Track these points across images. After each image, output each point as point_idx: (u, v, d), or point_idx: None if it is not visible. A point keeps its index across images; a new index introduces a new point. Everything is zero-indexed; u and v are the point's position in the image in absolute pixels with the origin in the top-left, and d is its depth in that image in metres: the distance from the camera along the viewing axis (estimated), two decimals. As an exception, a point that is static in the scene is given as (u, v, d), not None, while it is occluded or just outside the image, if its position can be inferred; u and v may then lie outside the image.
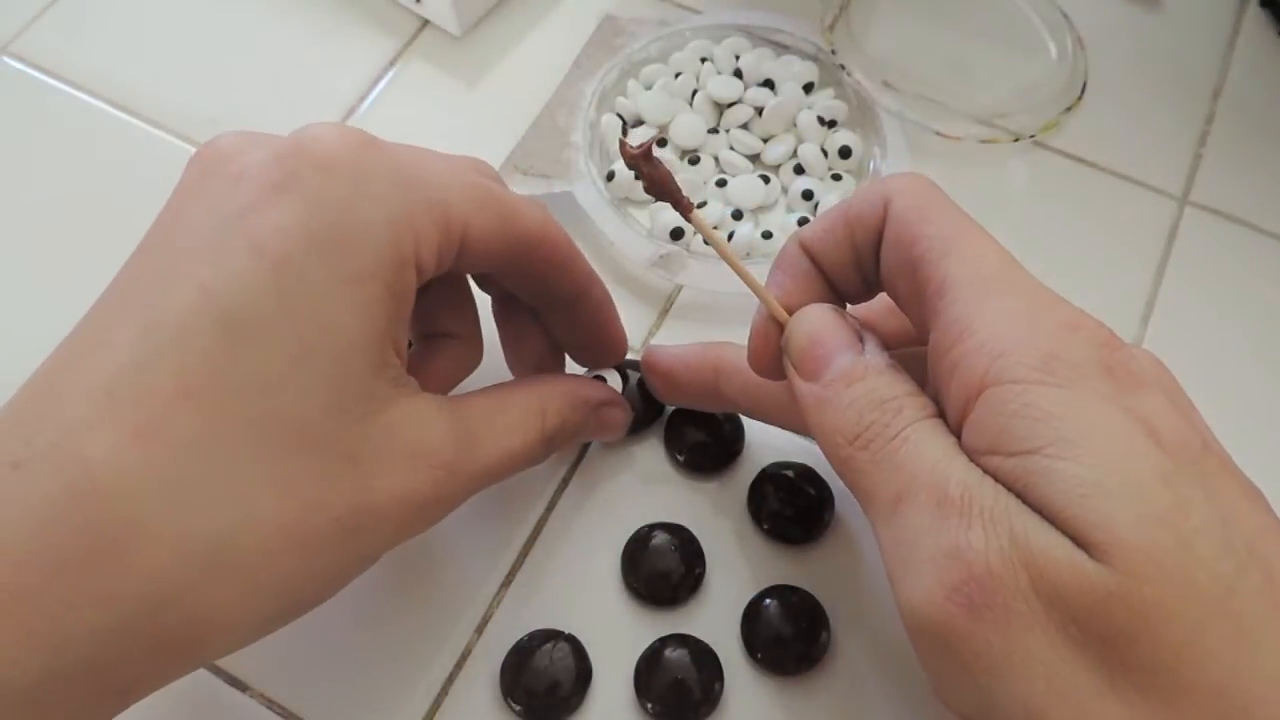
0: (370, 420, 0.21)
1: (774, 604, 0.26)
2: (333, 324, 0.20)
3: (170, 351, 0.19)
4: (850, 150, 0.32)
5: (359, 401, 0.20)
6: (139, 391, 0.19)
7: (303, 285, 0.20)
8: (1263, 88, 0.35)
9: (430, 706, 0.26)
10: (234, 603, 0.19)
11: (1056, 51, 0.35)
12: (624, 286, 0.32)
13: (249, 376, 0.19)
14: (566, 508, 0.28)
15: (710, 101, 0.34)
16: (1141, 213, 0.33)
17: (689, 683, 0.25)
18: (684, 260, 0.31)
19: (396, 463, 0.21)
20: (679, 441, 0.29)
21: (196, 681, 0.26)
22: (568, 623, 0.27)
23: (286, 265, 0.19)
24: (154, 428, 0.18)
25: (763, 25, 0.35)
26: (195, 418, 0.19)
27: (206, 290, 0.19)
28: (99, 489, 0.18)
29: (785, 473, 0.28)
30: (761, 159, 0.33)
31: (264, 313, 0.19)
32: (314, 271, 0.20)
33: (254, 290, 0.19)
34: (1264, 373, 0.30)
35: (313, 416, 0.20)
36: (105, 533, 0.18)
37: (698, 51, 0.34)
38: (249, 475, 0.19)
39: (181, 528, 0.18)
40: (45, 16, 0.38)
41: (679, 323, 0.31)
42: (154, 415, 0.18)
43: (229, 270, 0.19)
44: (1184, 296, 0.31)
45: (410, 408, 0.21)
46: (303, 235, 0.20)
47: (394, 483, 0.21)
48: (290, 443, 0.19)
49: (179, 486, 0.18)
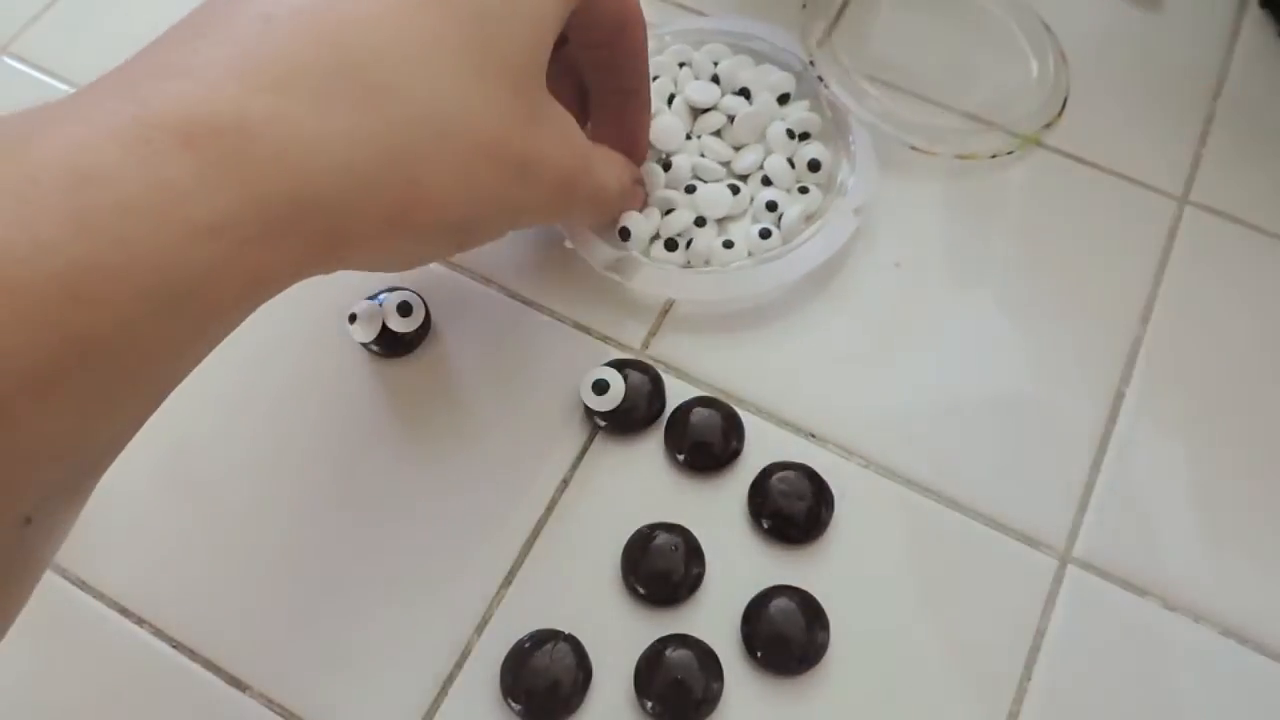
0: (543, 93, 0.24)
1: (774, 604, 0.26)
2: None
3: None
4: (819, 164, 0.32)
5: (539, 70, 0.23)
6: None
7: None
8: (1263, 88, 0.35)
9: (430, 706, 0.26)
10: (447, 185, 0.21)
11: (1038, 68, 0.35)
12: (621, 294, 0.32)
13: (478, 6, 0.21)
14: (566, 508, 0.28)
15: (688, 106, 0.33)
16: (1141, 213, 0.33)
17: (689, 683, 0.25)
18: (637, 264, 0.30)
19: (557, 138, 0.24)
20: (679, 441, 0.29)
21: (197, 681, 0.26)
22: (568, 623, 0.27)
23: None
24: (399, 15, 0.20)
25: (744, 33, 0.35)
26: (433, 20, 0.20)
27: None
28: (352, 43, 0.19)
29: (785, 473, 0.28)
30: (732, 167, 0.33)
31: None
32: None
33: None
34: (1264, 373, 0.30)
35: (517, 58, 0.22)
36: (356, 80, 0.19)
37: (677, 56, 0.34)
38: (470, 79, 0.21)
39: (419, 100, 0.20)
40: (45, 16, 0.38)
41: (678, 327, 0.31)
42: (399, 7, 0.20)
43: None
44: (1184, 296, 0.31)
45: (560, 107, 0.25)
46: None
47: (556, 152, 0.24)
48: (500, 69, 0.22)
49: (419, 64, 0.20)
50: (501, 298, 0.32)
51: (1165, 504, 0.28)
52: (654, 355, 0.31)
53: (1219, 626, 0.27)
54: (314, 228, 0.19)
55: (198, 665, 0.26)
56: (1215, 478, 0.29)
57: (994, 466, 0.29)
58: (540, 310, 0.31)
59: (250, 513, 0.28)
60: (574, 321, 0.31)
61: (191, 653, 0.27)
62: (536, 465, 0.29)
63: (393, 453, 0.29)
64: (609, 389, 0.29)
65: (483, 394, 0.30)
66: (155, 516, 0.28)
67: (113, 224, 0.16)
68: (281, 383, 0.30)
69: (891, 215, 0.33)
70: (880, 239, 0.32)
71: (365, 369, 0.30)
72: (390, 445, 0.29)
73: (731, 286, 0.30)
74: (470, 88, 0.21)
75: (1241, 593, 0.27)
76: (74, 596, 0.27)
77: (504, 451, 0.29)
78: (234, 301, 0.18)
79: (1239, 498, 0.28)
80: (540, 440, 0.29)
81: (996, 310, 0.31)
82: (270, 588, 0.27)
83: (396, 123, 0.20)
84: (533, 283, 0.32)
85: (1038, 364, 0.30)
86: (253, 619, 0.27)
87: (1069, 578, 0.27)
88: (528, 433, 0.29)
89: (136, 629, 0.27)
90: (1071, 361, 0.30)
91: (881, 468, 0.29)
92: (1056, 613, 0.27)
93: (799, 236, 0.31)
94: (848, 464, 0.29)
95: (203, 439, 0.29)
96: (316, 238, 0.19)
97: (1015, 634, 0.27)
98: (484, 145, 0.22)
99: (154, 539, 0.28)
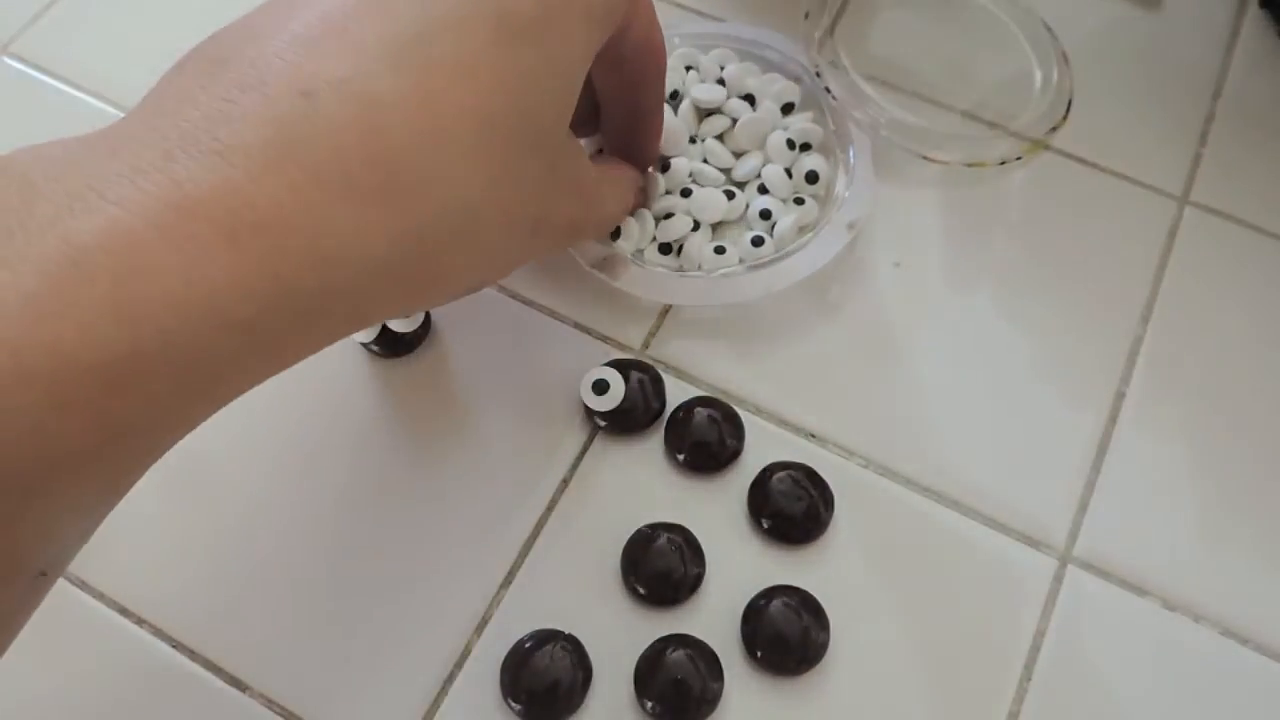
0: (564, 142, 0.24)
1: (774, 604, 0.26)
2: (571, 40, 0.22)
3: (451, 33, 0.20)
4: (817, 175, 0.32)
5: (565, 120, 0.23)
6: (423, 58, 0.20)
7: (561, 9, 0.22)
8: (1263, 88, 0.36)
9: (430, 706, 0.26)
10: (463, 262, 0.22)
11: (1041, 73, 0.35)
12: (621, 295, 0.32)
13: (514, 70, 0.21)
14: (566, 508, 0.28)
15: (693, 109, 0.33)
16: (1141, 213, 0.33)
17: (689, 683, 0.25)
18: (626, 264, 0.30)
19: (571, 188, 0.24)
20: (679, 441, 0.29)
21: (197, 681, 0.26)
22: (568, 623, 0.27)
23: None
24: (436, 93, 0.20)
25: (753, 40, 0.35)
26: (470, 93, 0.20)
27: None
28: (389, 129, 0.19)
29: (785, 473, 0.28)
30: (732, 174, 0.33)
31: (530, 18, 0.21)
32: (572, 2, 0.22)
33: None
34: (1264, 373, 0.30)
35: (547, 123, 0.22)
36: (390, 171, 0.19)
37: (684, 59, 0.34)
38: (501, 156, 0.21)
39: (451, 186, 0.20)
40: (45, 16, 0.38)
41: (678, 327, 0.31)
42: (436, 83, 0.20)
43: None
44: (1184, 296, 0.31)
45: (578, 148, 0.25)
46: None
47: (569, 204, 0.24)
48: (529, 140, 0.22)
49: (453, 148, 0.20)
50: (502, 298, 0.32)
51: (1165, 504, 0.28)
52: (654, 355, 0.31)
53: (1219, 626, 0.27)
54: (339, 313, 0.20)
55: (198, 665, 0.26)
56: (1215, 478, 0.29)
57: (994, 466, 0.29)
58: (540, 310, 0.31)
59: (250, 512, 0.28)
60: (574, 321, 0.31)
61: (191, 653, 0.27)
62: (536, 465, 0.29)
63: (393, 453, 0.29)
64: (609, 389, 0.29)
65: (483, 394, 0.30)
66: (155, 517, 0.28)
67: (154, 317, 0.17)
68: (281, 383, 0.30)
69: (893, 215, 0.33)
70: (881, 239, 0.32)
71: (365, 369, 0.30)
72: (390, 445, 0.29)
73: (718, 292, 0.30)
74: (503, 168, 0.21)
75: (1241, 593, 0.27)
76: (74, 596, 0.27)
77: (504, 451, 0.29)
78: (256, 379, 0.19)
79: (1239, 498, 0.28)
80: (540, 440, 0.29)
81: (997, 310, 0.31)
82: (270, 588, 0.27)
83: (427, 214, 0.20)
84: (533, 283, 0.32)
85: (1038, 364, 0.30)
86: (253, 619, 0.27)
87: (1069, 578, 0.27)
88: (528, 433, 0.29)
89: (136, 629, 0.27)
90: (1071, 361, 0.30)
91: (881, 468, 0.29)
92: (1056, 613, 0.27)
93: (790, 247, 0.31)
94: (848, 464, 0.29)
95: (203, 439, 0.29)
96: (339, 320, 0.20)
97: (1015, 634, 0.27)
98: (506, 220, 0.22)
99: (154, 539, 0.28)
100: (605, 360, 0.30)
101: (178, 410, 0.18)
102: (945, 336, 0.31)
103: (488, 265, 0.23)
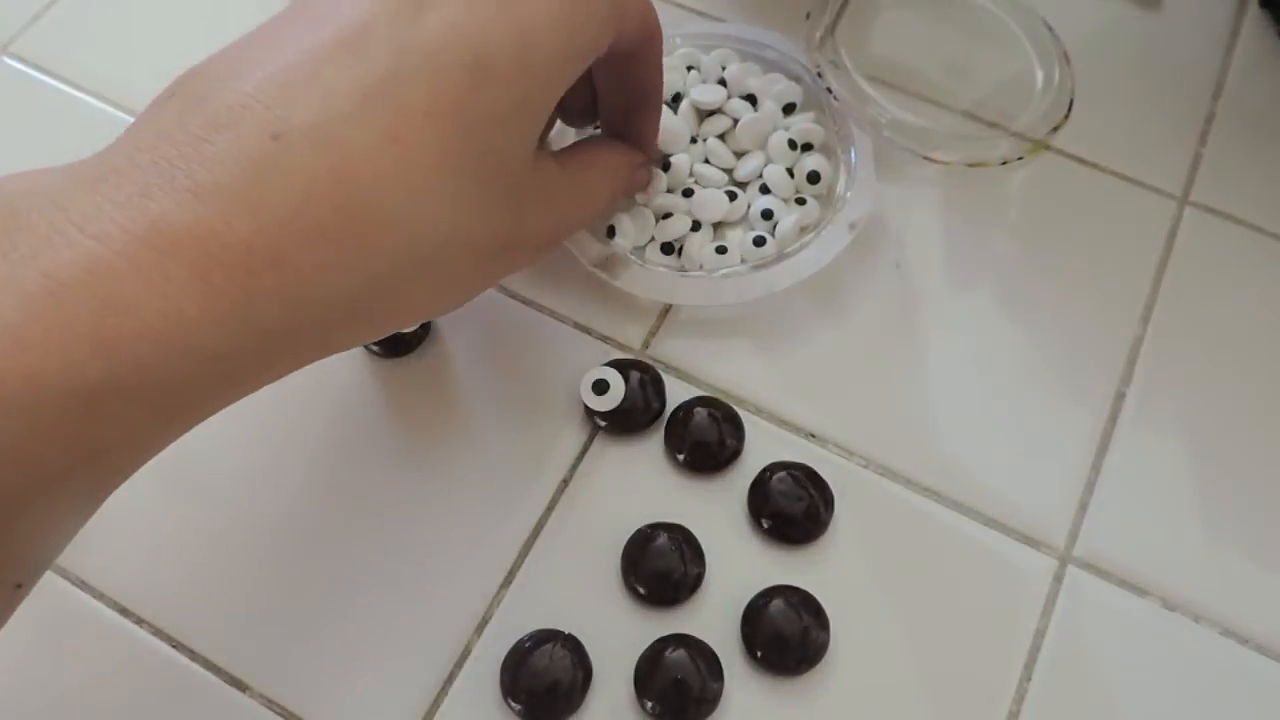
0: (535, 163, 0.24)
1: (774, 604, 0.26)
2: (548, 79, 0.23)
3: (424, 76, 0.21)
4: (819, 175, 0.32)
5: (533, 147, 0.24)
6: (394, 103, 0.20)
7: (540, 52, 0.22)
8: (1263, 88, 0.35)
9: (430, 706, 0.26)
10: (427, 296, 0.23)
11: (1042, 73, 0.35)
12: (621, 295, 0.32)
13: (484, 114, 0.21)
14: (566, 508, 0.28)
15: (694, 110, 0.33)
16: (1141, 213, 0.33)
17: (689, 683, 0.25)
18: (626, 263, 0.30)
19: (541, 208, 0.25)
20: (679, 441, 0.29)
21: (197, 681, 0.26)
22: (568, 623, 0.27)
23: (532, 30, 0.22)
24: (404, 137, 0.20)
25: (754, 40, 0.35)
26: (437, 138, 0.21)
27: (458, 29, 0.21)
28: (356, 175, 0.20)
29: (785, 473, 0.28)
30: (734, 174, 0.33)
31: (507, 61, 0.22)
32: (552, 43, 0.22)
33: (501, 41, 0.21)
34: (1264, 373, 0.30)
35: (515, 161, 0.23)
36: (357, 216, 0.20)
37: (685, 59, 0.34)
38: (467, 196, 0.22)
39: (416, 229, 0.21)
40: (45, 16, 0.38)
41: (678, 327, 0.31)
42: (405, 127, 0.20)
43: (481, 18, 0.21)
44: (1184, 296, 0.31)
45: (548, 163, 0.25)
46: (553, 8, 0.22)
47: (540, 223, 0.25)
48: (498, 177, 0.22)
49: (419, 192, 0.21)
50: (502, 298, 0.32)
51: (1165, 504, 0.28)
52: (654, 355, 0.31)
53: (1219, 626, 0.27)
54: (307, 345, 0.21)
55: (198, 665, 0.26)
56: (1215, 478, 0.29)
57: (994, 466, 0.29)
58: (540, 310, 0.31)
59: (250, 512, 0.28)
60: (574, 321, 0.31)
61: (191, 653, 0.27)
62: (536, 465, 0.29)
63: (393, 452, 0.29)
64: (609, 389, 0.29)
65: (483, 394, 0.30)
66: (155, 516, 0.28)
67: (129, 348, 0.17)
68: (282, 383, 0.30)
69: (894, 216, 0.33)
70: (882, 239, 0.32)
71: (365, 369, 0.30)
72: (390, 445, 0.29)
73: (719, 292, 0.30)
74: (467, 204, 0.22)
75: (1241, 593, 0.27)
76: (74, 596, 0.27)
77: (504, 451, 0.29)
78: (228, 403, 0.20)
79: (1239, 498, 0.28)
80: (540, 440, 0.29)
81: (997, 310, 0.31)
82: (270, 587, 0.27)
83: (394, 255, 0.21)
84: (533, 283, 0.32)
85: (1038, 364, 0.30)
86: (253, 619, 0.27)
87: (1069, 578, 0.27)
88: (528, 433, 0.29)
89: (136, 629, 0.27)
90: (1072, 361, 0.30)
91: (881, 468, 0.29)
92: (1056, 613, 0.27)
93: (791, 247, 0.31)
94: (848, 464, 0.29)
95: (202, 439, 0.29)
96: (307, 350, 0.21)
97: (1015, 634, 0.27)
98: (473, 251, 0.23)
99: (154, 539, 0.28)
100: (605, 360, 0.30)
101: (151, 433, 0.19)
102: (946, 336, 0.31)
103: (460, 293, 0.24)
